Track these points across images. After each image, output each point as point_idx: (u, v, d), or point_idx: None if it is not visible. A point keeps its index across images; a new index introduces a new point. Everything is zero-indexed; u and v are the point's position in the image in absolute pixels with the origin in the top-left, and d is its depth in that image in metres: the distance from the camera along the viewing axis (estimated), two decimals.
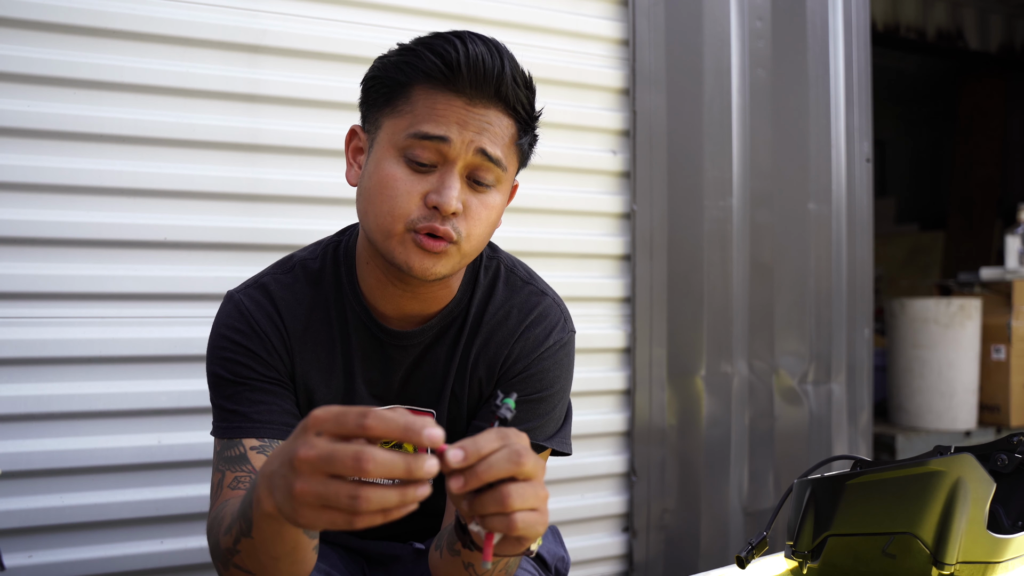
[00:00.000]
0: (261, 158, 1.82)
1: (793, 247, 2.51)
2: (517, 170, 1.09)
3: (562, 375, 1.17)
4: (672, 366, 2.30)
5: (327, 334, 1.13)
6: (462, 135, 0.99)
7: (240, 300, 1.12)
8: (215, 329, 1.12)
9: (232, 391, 1.08)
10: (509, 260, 1.22)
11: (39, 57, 1.63)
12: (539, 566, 1.32)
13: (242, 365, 1.08)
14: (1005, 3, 5.71)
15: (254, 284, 1.14)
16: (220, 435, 1.08)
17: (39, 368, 1.65)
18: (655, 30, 2.27)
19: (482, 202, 1.03)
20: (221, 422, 1.08)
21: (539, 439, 1.13)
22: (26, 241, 1.64)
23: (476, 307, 1.16)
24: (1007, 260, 4.14)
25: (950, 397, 3.88)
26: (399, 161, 1.00)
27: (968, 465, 0.94)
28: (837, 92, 2.59)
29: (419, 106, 1.00)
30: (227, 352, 1.09)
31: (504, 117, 1.02)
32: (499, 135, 1.01)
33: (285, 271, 1.15)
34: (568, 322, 1.19)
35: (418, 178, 1.00)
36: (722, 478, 2.38)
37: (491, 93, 1.00)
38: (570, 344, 1.19)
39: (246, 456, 1.06)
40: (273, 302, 1.11)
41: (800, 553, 1.05)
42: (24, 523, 1.63)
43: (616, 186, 2.25)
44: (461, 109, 0.99)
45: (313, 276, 1.14)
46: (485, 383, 1.16)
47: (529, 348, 1.14)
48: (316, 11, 1.87)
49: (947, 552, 0.95)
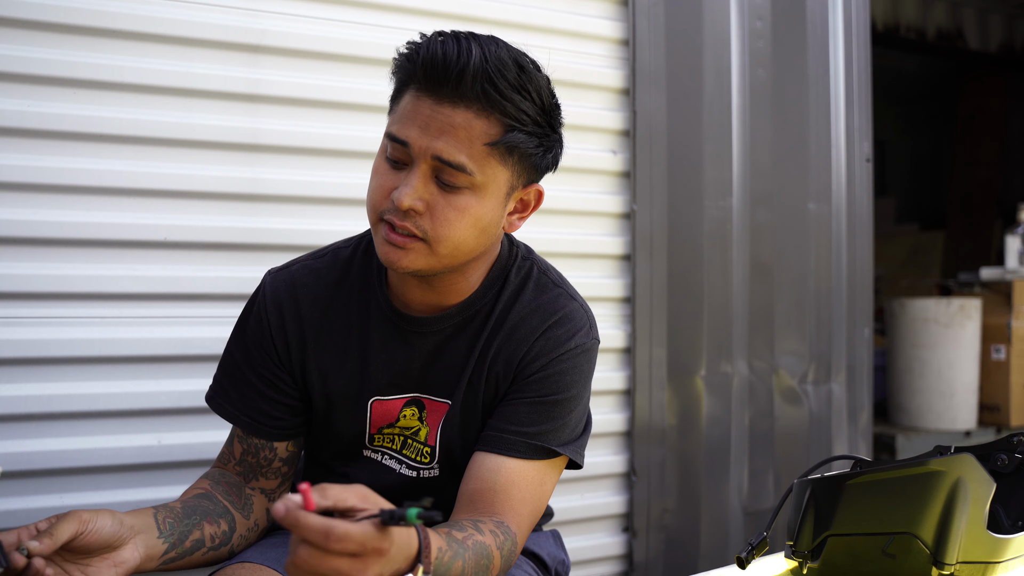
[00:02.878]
0: (261, 158, 1.82)
1: (793, 247, 2.51)
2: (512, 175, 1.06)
3: (580, 380, 1.16)
4: (672, 366, 2.30)
5: (346, 320, 1.18)
6: (420, 139, 0.99)
7: (266, 287, 1.20)
8: (245, 306, 1.22)
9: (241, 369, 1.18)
10: (543, 264, 1.24)
11: (39, 57, 1.63)
12: (539, 568, 1.32)
13: (248, 351, 1.18)
14: (1005, 3, 5.71)
15: (284, 268, 1.22)
16: (210, 401, 1.21)
17: (39, 368, 1.65)
18: (655, 30, 2.27)
19: (450, 203, 1.02)
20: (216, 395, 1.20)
21: (552, 443, 1.12)
22: (26, 241, 1.64)
23: (503, 304, 1.17)
24: (1007, 260, 4.14)
25: (950, 397, 3.88)
26: (383, 156, 1.06)
27: (968, 465, 0.94)
28: (837, 92, 2.59)
29: (401, 104, 1.04)
30: (245, 332, 1.20)
31: (478, 118, 0.99)
32: (465, 137, 0.99)
33: (318, 257, 1.22)
34: (593, 330, 1.19)
35: (393, 174, 1.04)
36: (722, 478, 2.38)
37: (451, 91, 0.98)
38: (592, 352, 1.18)
39: (233, 438, 1.20)
40: (294, 291, 1.18)
41: (800, 553, 1.05)
42: (24, 523, 1.62)
43: (616, 186, 2.25)
44: (427, 110, 0.99)
45: (344, 263, 1.20)
46: (502, 379, 1.16)
47: (549, 348, 1.14)
48: (316, 11, 1.87)
49: (947, 552, 0.95)
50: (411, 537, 0.81)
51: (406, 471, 1.21)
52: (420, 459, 1.20)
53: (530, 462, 1.11)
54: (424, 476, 1.21)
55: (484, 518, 1.07)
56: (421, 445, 1.20)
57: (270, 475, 1.21)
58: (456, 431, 1.18)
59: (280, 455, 1.21)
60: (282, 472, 1.22)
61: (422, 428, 1.19)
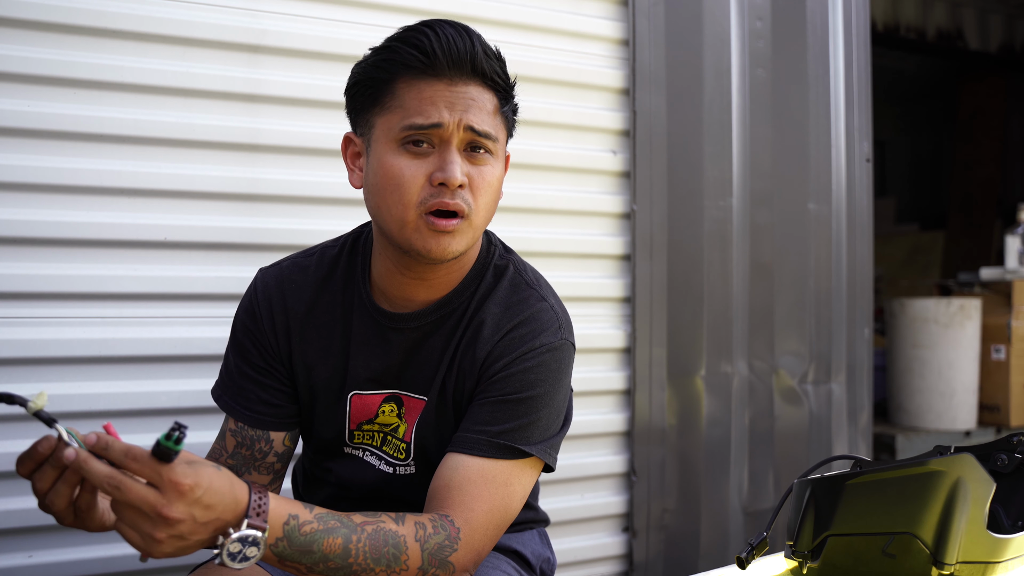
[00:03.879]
0: (261, 158, 1.82)
1: (793, 247, 2.51)
2: (507, 139, 1.16)
3: (546, 379, 1.14)
4: (672, 366, 2.30)
5: (331, 316, 1.21)
6: (451, 116, 1.06)
7: (257, 282, 1.25)
8: (240, 303, 1.27)
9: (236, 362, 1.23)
10: (520, 263, 1.24)
11: (39, 57, 1.63)
12: (522, 566, 1.31)
13: (242, 343, 1.23)
14: (1005, 3, 5.71)
15: (275, 265, 1.27)
16: (215, 396, 1.25)
17: (39, 368, 1.65)
18: (655, 30, 2.27)
19: (482, 173, 1.10)
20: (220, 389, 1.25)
21: (518, 443, 1.10)
22: (26, 241, 1.64)
23: (476, 302, 1.18)
24: (1007, 260, 4.14)
25: (950, 397, 3.88)
26: (398, 152, 1.08)
27: (968, 465, 0.94)
28: (837, 92, 2.59)
29: (406, 98, 1.07)
30: (238, 324, 1.25)
31: (484, 91, 1.10)
32: (483, 108, 1.09)
33: (307, 255, 1.26)
34: (563, 330, 1.18)
35: (420, 162, 1.07)
36: (722, 478, 2.38)
37: (468, 71, 1.08)
38: (561, 352, 1.16)
39: (225, 433, 1.23)
40: (281, 286, 1.22)
41: (800, 553, 1.05)
42: (24, 523, 1.63)
43: (616, 186, 2.25)
44: (445, 91, 1.07)
45: (330, 261, 1.24)
46: (468, 377, 1.16)
47: (513, 347, 1.14)
48: (316, 11, 1.87)
49: (947, 552, 0.95)
50: (236, 490, 0.89)
51: (384, 467, 1.23)
52: (397, 455, 1.22)
53: (493, 461, 1.09)
54: (400, 473, 1.22)
55: (424, 513, 1.06)
56: (399, 442, 1.21)
57: (263, 469, 1.22)
58: (431, 429, 1.19)
59: (276, 448, 1.22)
60: (275, 468, 1.23)
61: (401, 425, 1.21)
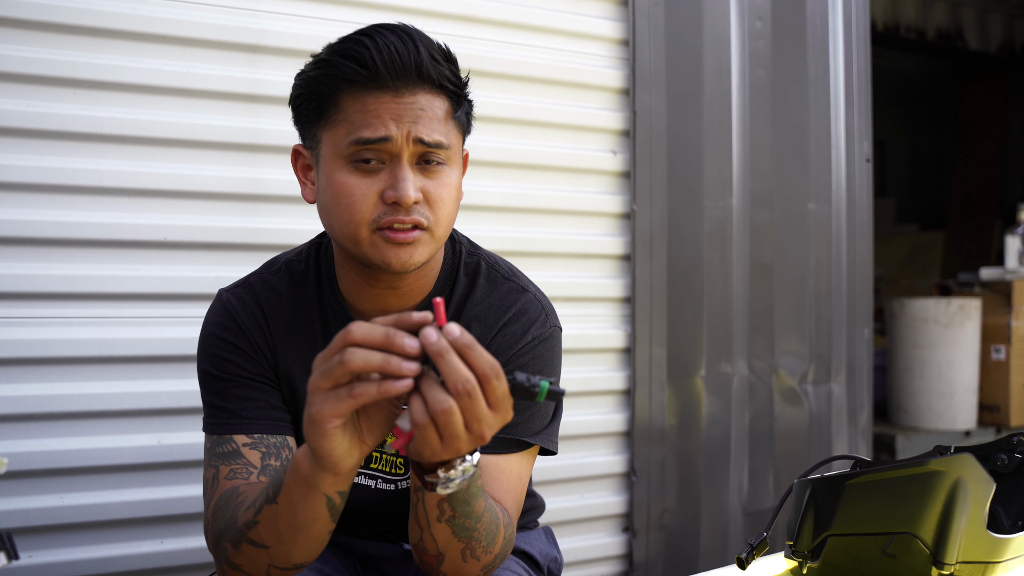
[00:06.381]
0: (261, 158, 1.82)
1: (793, 247, 2.51)
2: (462, 141, 1.11)
3: (544, 370, 1.15)
4: (672, 366, 2.30)
5: (310, 332, 1.16)
6: (399, 129, 1.01)
7: (228, 299, 1.16)
8: (205, 327, 1.16)
9: (220, 387, 1.11)
10: (490, 257, 1.22)
11: (39, 57, 1.63)
12: (530, 566, 1.31)
13: (229, 362, 1.12)
14: (1005, 3, 5.71)
15: (242, 284, 1.19)
16: (211, 431, 1.10)
17: (39, 368, 1.65)
18: (655, 30, 2.27)
19: (438, 184, 1.05)
20: (212, 418, 1.11)
21: (523, 435, 1.12)
22: (26, 241, 1.64)
23: (455, 303, 1.16)
24: (1007, 260, 4.14)
25: (950, 397, 3.88)
26: (347, 168, 1.03)
27: (968, 465, 0.94)
28: (837, 92, 2.59)
29: (351, 112, 1.02)
30: (215, 349, 1.12)
31: (434, 97, 1.04)
32: (434, 116, 1.03)
33: (272, 272, 1.19)
34: (551, 317, 1.18)
35: (371, 179, 1.03)
36: (722, 478, 2.38)
37: (414, 79, 1.02)
38: (552, 339, 1.17)
39: (239, 451, 1.09)
40: (258, 301, 1.15)
41: (800, 553, 1.05)
42: (24, 523, 1.63)
43: (616, 186, 2.25)
44: (391, 103, 1.02)
45: (298, 277, 1.18)
46: None
47: (507, 345, 1.14)
48: (316, 11, 1.87)
49: (947, 552, 0.95)
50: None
51: (382, 485, 1.19)
52: (394, 471, 1.19)
53: (505, 456, 1.10)
54: (404, 487, 1.19)
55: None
56: (392, 456, 1.18)
57: None
58: None
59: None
60: None
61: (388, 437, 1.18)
